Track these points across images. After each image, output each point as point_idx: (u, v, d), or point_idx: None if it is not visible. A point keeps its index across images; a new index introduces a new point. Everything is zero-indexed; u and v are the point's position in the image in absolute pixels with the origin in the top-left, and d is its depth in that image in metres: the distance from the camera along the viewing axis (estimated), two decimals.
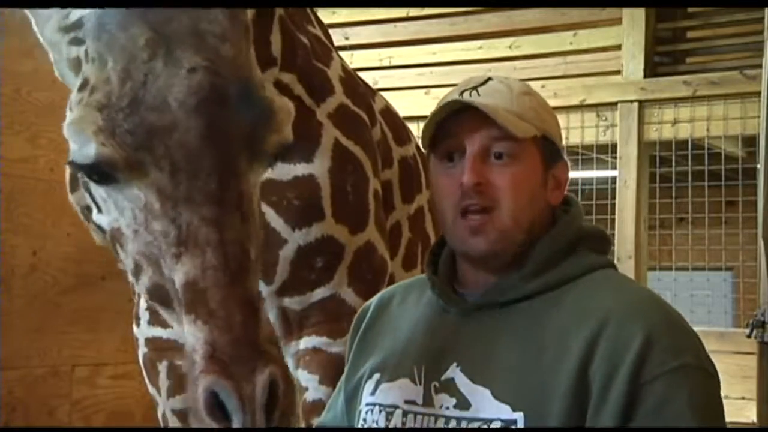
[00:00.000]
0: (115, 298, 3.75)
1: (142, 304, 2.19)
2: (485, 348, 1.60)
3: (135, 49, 1.44)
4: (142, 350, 2.22)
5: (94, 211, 1.58)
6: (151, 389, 2.21)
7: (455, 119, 1.63)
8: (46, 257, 3.71)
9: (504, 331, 1.60)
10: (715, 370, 1.54)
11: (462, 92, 1.67)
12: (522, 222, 1.62)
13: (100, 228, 1.59)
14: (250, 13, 1.61)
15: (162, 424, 2.21)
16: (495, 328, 1.61)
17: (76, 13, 1.57)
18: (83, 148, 1.41)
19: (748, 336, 3.77)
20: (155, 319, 2.16)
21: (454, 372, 1.60)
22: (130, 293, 2.28)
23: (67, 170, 1.73)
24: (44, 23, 1.61)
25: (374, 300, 1.89)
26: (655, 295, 1.62)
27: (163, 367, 2.16)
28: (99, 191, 1.51)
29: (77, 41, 1.55)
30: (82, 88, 1.50)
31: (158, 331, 2.16)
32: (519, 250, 1.62)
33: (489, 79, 1.68)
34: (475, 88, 1.66)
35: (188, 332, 1.36)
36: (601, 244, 1.71)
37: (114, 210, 1.49)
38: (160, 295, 1.45)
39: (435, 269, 1.74)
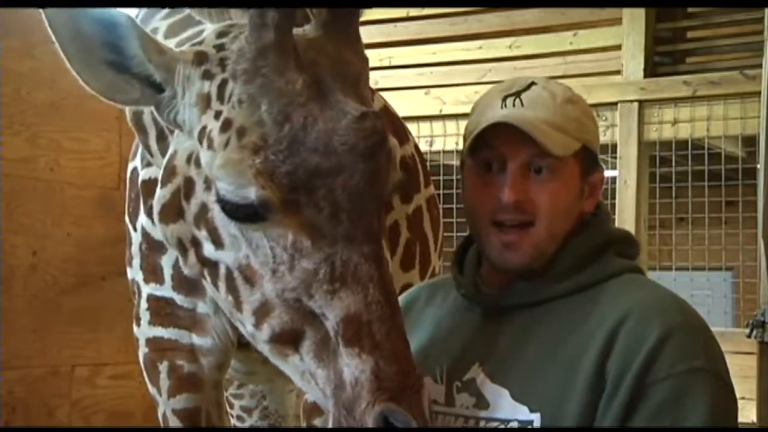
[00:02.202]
0: (115, 298, 3.75)
1: (143, 304, 2.19)
2: (507, 348, 1.61)
3: (292, 92, 1.47)
4: (142, 350, 2.22)
5: (209, 246, 1.59)
6: (152, 389, 2.21)
7: (495, 130, 1.61)
8: (46, 257, 3.71)
9: (527, 332, 1.60)
10: (730, 380, 1.53)
11: (505, 98, 1.65)
12: (557, 235, 1.63)
13: (209, 262, 1.60)
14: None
15: (162, 424, 2.21)
16: (519, 329, 1.62)
17: (205, 41, 1.62)
18: (240, 189, 1.45)
19: (748, 336, 3.77)
20: (156, 319, 2.16)
21: (476, 372, 1.61)
22: (130, 293, 2.28)
23: (159, 201, 1.73)
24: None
25: (400, 300, 1.90)
26: (677, 297, 1.61)
27: (163, 367, 2.16)
28: (230, 228, 1.53)
29: (208, 75, 1.57)
30: (225, 128, 1.51)
31: (159, 331, 2.16)
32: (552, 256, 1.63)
33: (532, 83, 1.66)
34: (518, 94, 1.65)
35: (347, 365, 1.40)
36: (628, 248, 1.71)
37: (246, 247, 1.51)
38: (289, 334, 1.47)
39: (461, 269, 1.75)
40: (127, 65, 1.61)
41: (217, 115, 1.54)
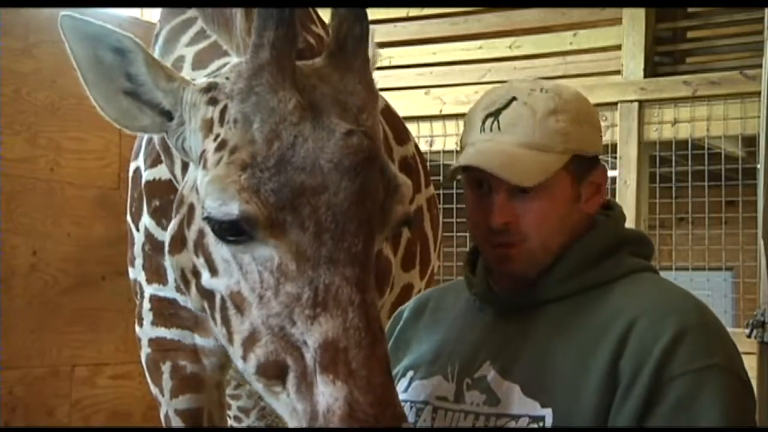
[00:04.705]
0: (115, 298, 3.76)
1: (146, 304, 2.19)
2: (519, 346, 1.61)
3: (285, 111, 1.47)
4: (144, 350, 2.22)
5: (206, 274, 1.57)
6: (154, 389, 2.21)
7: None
8: (46, 257, 3.71)
9: (538, 329, 1.61)
10: (748, 378, 1.53)
11: (485, 118, 1.64)
12: (551, 247, 1.62)
13: (207, 293, 1.59)
14: None
15: (164, 424, 2.21)
16: (530, 326, 1.62)
17: (221, 72, 1.63)
18: (225, 205, 1.43)
19: (748, 336, 3.77)
20: (159, 320, 2.16)
21: (487, 369, 1.61)
22: (131, 293, 2.28)
23: (170, 232, 1.74)
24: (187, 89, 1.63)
25: (410, 304, 1.92)
26: (692, 296, 1.61)
27: (166, 367, 2.16)
28: (222, 252, 1.51)
29: (213, 101, 1.57)
30: (219, 148, 1.51)
31: (162, 332, 2.16)
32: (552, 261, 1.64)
33: (513, 99, 1.64)
34: (497, 114, 1.64)
35: (322, 393, 1.36)
36: (642, 248, 1.70)
37: (237, 272, 1.50)
38: (273, 366, 1.44)
39: (473, 269, 1.75)
40: (138, 92, 1.61)
41: (216, 137, 1.54)
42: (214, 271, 1.55)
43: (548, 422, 1.50)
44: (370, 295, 1.44)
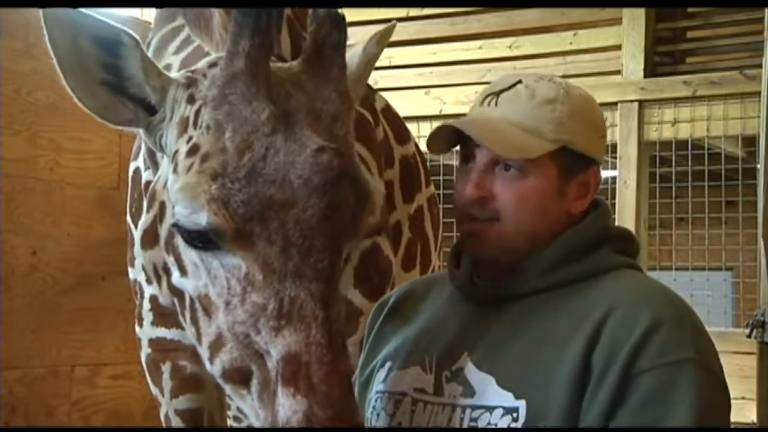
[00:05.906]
0: (115, 298, 3.75)
1: (146, 304, 2.19)
2: (497, 338, 1.61)
3: (257, 121, 1.47)
4: (144, 351, 2.22)
5: (176, 273, 1.58)
6: (154, 390, 2.21)
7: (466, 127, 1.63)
8: (46, 257, 3.71)
9: (518, 322, 1.61)
10: (723, 377, 1.52)
11: (486, 97, 1.66)
12: (526, 232, 1.62)
13: (177, 291, 1.59)
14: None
15: (165, 425, 2.21)
16: (509, 319, 1.62)
17: (197, 68, 1.63)
18: (194, 214, 1.44)
19: (748, 336, 3.78)
20: (159, 320, 2.16)
21: (464, 361, 1.61)
22: (131, 293, 2.28)
23: (142, 227, 1.72)
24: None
25: (394, 293, 1.92)
26: (667, 290, 1.61)
27: (166, 367, 2.16)
28: (190, 255, 1.52)
29: (191, 99, 1.57)
30: (191, 153, 1.51)
31: (162, 332, 2.16)
32: (526, 254, 1.63)
33: (519, 82, 1.65)
34: (498, 93, 1.65)
35: (282, 405, 1.37)
36: (626, 245, 1.70)
37: (205, 276, 1.50)
38: (238, 372, 1.45)
39: (457, 263, 1.75)
40: (123, 86, 1.60)
41: (189, 139, 1.54)
42: (183, 271, 1.56)
43: (522, 413, 1.50)
44: (334, 311, 1.45)
